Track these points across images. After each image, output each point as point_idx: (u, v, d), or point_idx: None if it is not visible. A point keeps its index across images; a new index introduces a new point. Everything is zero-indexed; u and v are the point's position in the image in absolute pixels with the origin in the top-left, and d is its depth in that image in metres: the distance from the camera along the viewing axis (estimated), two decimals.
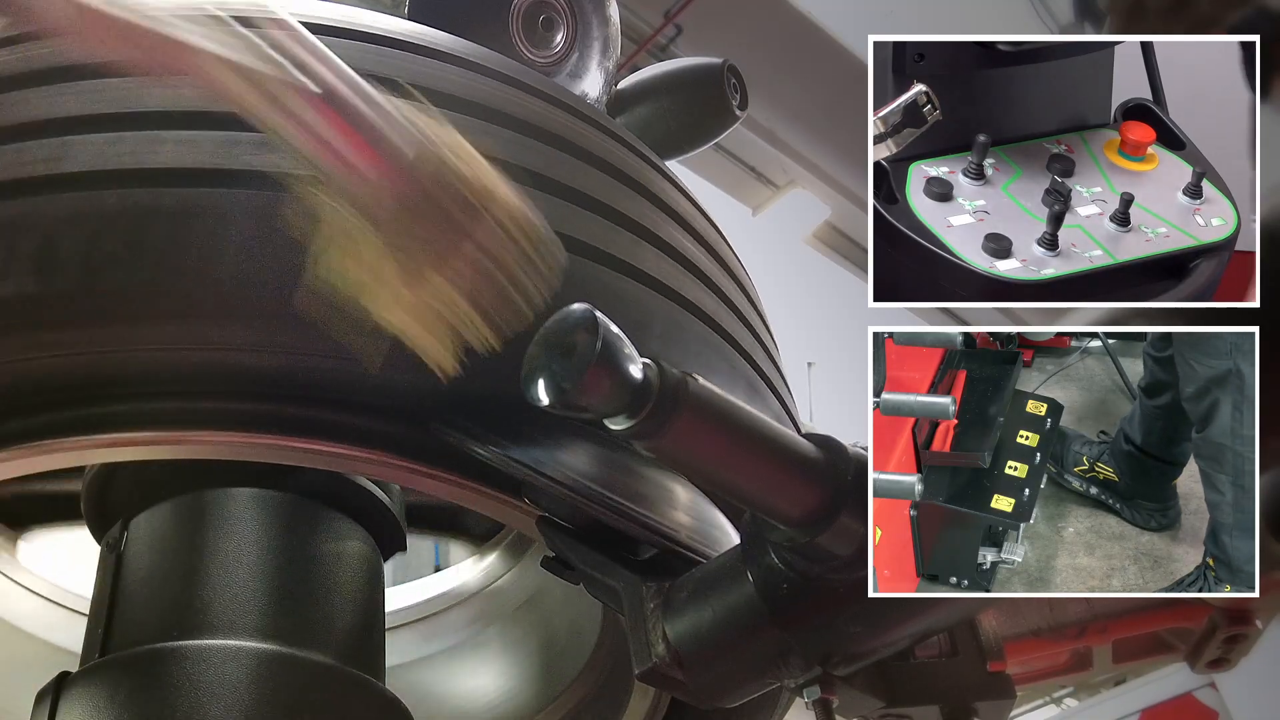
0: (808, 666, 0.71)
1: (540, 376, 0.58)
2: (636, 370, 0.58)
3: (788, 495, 0.65)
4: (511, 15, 1.44)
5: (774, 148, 7.85)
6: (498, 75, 0.95)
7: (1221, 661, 0.80)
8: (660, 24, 7.24)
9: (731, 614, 0.71)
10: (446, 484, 0.85)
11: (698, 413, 0.60)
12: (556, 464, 0.79)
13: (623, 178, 0.96)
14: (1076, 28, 7.40)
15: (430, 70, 0.90)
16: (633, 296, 0.88)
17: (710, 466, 0.64)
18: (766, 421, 0.65)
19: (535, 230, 0.69)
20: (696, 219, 1.07)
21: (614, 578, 0.78)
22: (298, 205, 0.68)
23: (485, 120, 0.88)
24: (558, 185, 0.89)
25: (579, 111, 1.00)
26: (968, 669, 0.80)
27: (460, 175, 0.67)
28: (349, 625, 0.99)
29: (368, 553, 1.07)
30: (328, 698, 0.91)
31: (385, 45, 0.91)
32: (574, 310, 0.59)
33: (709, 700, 0.75)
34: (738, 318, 1.01)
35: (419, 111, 0.70)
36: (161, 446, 0.82)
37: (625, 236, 0.92)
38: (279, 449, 0.82)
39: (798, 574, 0.68)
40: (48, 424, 0.80)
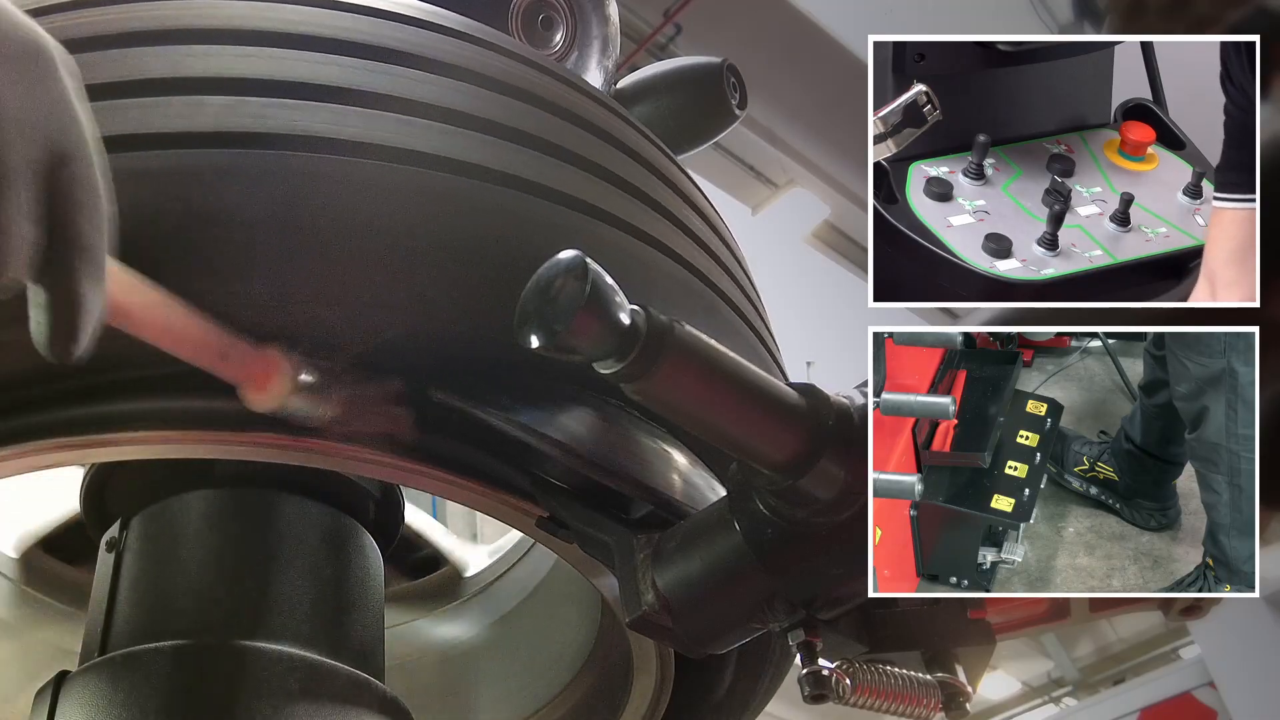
0: (792, 610, 0.73)
1: (531, 319, 0.60)
2: (625, 315, 0.61)
3: (770, 439, 0.67)
4: (511, 14, 1.44)
5: (773, 147, 7.85)
6: (485, 43, 0.96)
7: (1194, 609, 0.81)
8: (660, 23, 7.25)
9: (719, 561, 0.73)
10: (447, 484, 0.85)
11: (684, 356, 0.63)
12: (555, 425, 0.81)
13: (609, 139, 0.97)
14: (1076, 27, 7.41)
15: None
16: (633, 255, 0.89)
17: (696, 410, 0.66)
18: (751, 368, 0.67)
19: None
20: (693, 192, 1.08)
21: (606, 532, 0.80)
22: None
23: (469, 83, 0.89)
24: (547, 144, 0.90)
25: (555, 73, 1.01)
26: (949, 616, 0.83)
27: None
28: (349, 625, 0.99)
29: (368, 551, 1.07)
30: (328, 697, 0.91)
31: (392, 20, 0.92)
32: (564, 256, 0.61)
33: (697, 647, 0.77)
34: (724, 270, 1.03)
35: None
36: (161, 446, 0.82)
37: (633, 203, 0.93)
38: (279, 449, 0.82)
39: (782, 519, 0.70)
40: (47, 423, 0.80)
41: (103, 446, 0.81)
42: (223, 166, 0.77)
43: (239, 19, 0.86)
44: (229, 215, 0.76)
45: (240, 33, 0.85)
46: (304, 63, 0.84)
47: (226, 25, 0.85)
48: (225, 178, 0.76)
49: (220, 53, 0.83)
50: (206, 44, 0.84)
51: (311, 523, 1.02)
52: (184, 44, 0.83)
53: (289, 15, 0.87)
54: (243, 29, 0.85)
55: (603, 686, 1.24)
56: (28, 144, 0.55)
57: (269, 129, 0.79)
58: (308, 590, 0.98)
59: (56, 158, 0.57)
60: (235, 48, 0.84)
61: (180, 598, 0.96)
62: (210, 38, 0.84)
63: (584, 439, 0.82)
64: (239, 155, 0.77)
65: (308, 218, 0.77)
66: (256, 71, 0.82)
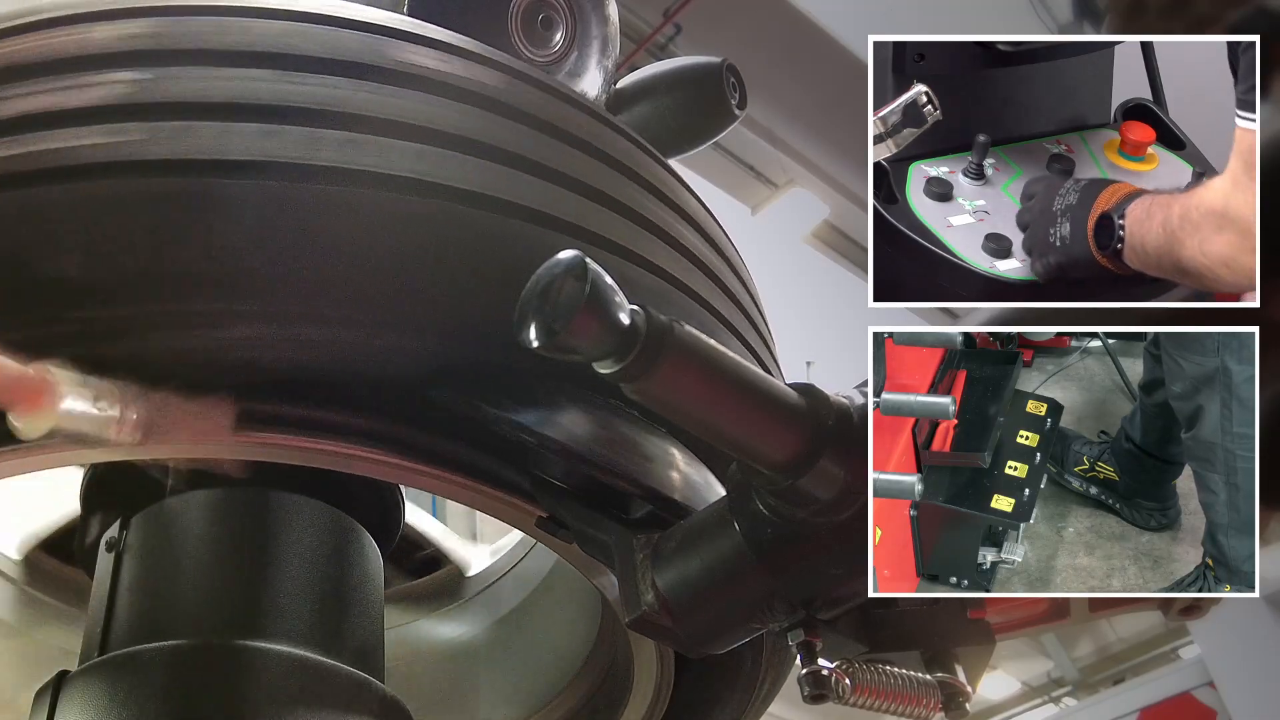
0: (792, 610, 0.74)
1: (531, 319, 0.60)
2: (624, 315, 0.61)
3: (770, 439, 0.67)
4: (510, 13, 1.44)
5: (773, 147, 7.86)
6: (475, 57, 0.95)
7: (1193, 609, 0.81)
8: (659, 23, 7.25)
9: (719, 561, 0.73)
10: (447, 484, 0.85)
11: (683, 356, 0.63)
12: (555, 425, 0.81)
13: (613, 162, 0.97)
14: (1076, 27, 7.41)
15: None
16: (624, 277, 0.89)
17: (695, 410, 0.66)
18: (750, 368, 0.67)
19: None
20: (697, 211, 1.08)
21: (605, 532, 0.81)
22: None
23: (466, 103, 0.89)
24: (550, 170, 0.89)
25: (560, 93, 1.00)
26: (948, 616, 0.83)
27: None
28: (350, 625, 0.99)
29: (368, 551, 1.07)
30: (328, 697, 0.91)
31: (385, 36, 0.91)
32: (564, 256, 0.61)
33: (697, 647, 0.77)
34: (718, 286, 1.02)
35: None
36: (160, 446, 0.82)
37: (631, 228, 0.93)
38: (279, 448, 0.82)
39: (781, 519, 0.70)
40: None
41: (103, 446, 0.81)
42: (207, 193, 0.76)
43: (221, 38, 0.85)
44: (221, 240, 0.75)
45: (221, 54, 0.84)
46: (282, 84, 0.83)
47: (209, 46, 0.84)
48: (216, 204, 0.76)
49: (201, 75, 0.82)
50: (187, 65, 0.82)
51: (311, 522, 1.02)
52: (162, 66, 0.82)
53: (274, 33, 0.86)
54: (236, 51, 0.84)
55: (603, 686, 1.24)
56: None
57: (260, 156, 0.78)
58: (308, 590, 0.98)
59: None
60: (218, 69, 0.83)
61: (180, 598, 0.96)
62: (202, 59, 0.83)
63: (584, 439, 0.82)
64: (229, 184, 0.77)
65: (298, 240, 0.76)
66: (237, 95, 0.81)
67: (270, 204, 0.77)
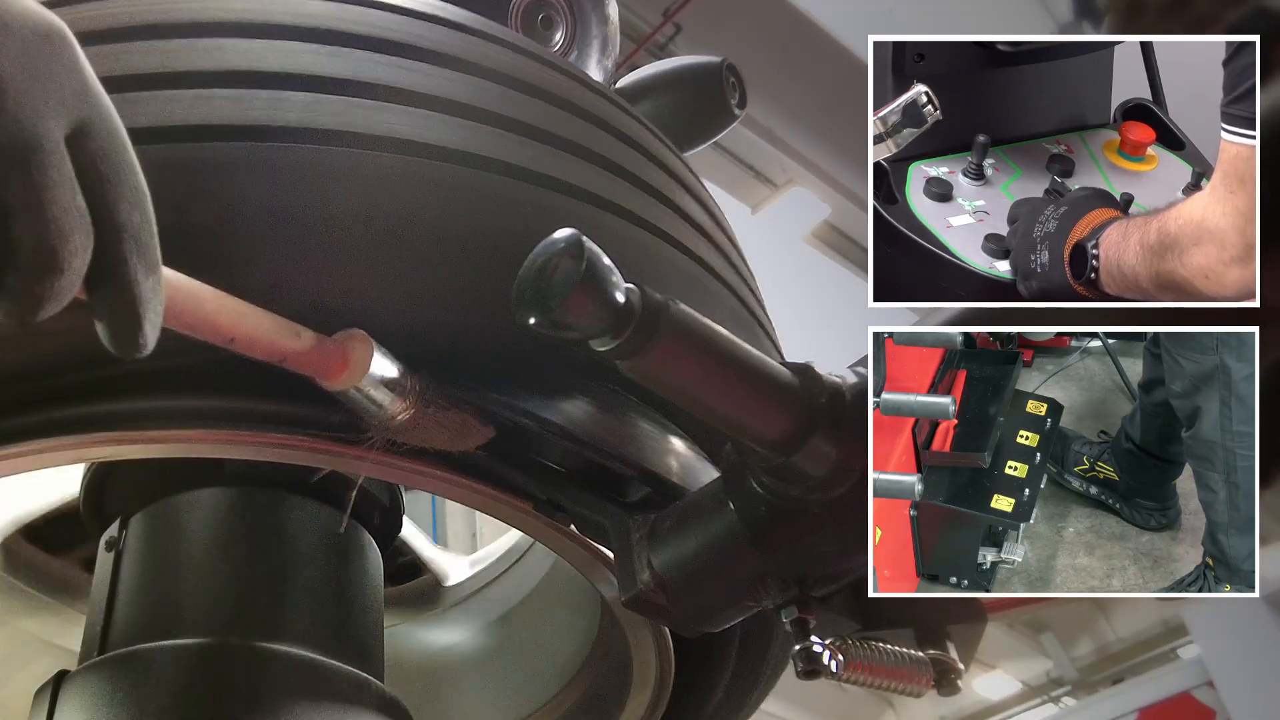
0: (785, 588, 0.74)
1: (527, 297, 0.61)
2: (620, 293, 0.61)
3: (763, 417, 0.67)
4: (511, 12, 1.44)
5: (773, 146, 7.86)
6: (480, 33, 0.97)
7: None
8: (659, 22, 7.25)
9: (713, 540, 0.73)
10: (447, 484, 0.85)
11: (678, 334, 0.63)
12: (553, 408, 0.82)
13: (610, 129, 0.98)
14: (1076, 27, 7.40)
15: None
16: (633, 242, 0.90)
17: (690, 387, 0.66)
18: (745, 346, 0.68)
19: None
20: (692, 181, 1.09)
21: (602, 514, 0.81)
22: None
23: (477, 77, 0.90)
24: (549, 134, 0.91)
25: (558, 65, 1.02)
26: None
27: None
28: (350, 624, 0.99)
29: (368, 551, 1.07)
30: (328, 696, 0.91)
31: (402, 14, 0.93)
32: (560, 235, 0.62)
33: (692, 626, 0.77)
34: (724, 257, 1.03)
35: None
36: (160, 445, 0.82)
37: (633, 191, 0.94)
38: (279, 447, 0.82)
39: (775, 496, 0.70)
40: (45, 422, 0.80)
41: (105, 445, 0.81)
42: (228, 159, 0.77)
43: (244, 12, 0.87)
44: (234, 207, 0.76)
45: (244, 25, 0.85)
46: (309, 55, 0.84)
47: (229, 19, 0.86)
48: (230, 170, 0.76)
49: (224, 46, 0.83)
50: (210, 37, 0.84)
51: (311, 522, 1.02)
52: (188, 37, 0.84)
53: (296, 8, 0.88)
54: (246, 22, 0.85)
55: (592, 699, 1.24)
56: (56, 116, 0.51)
57: (275, 121, 0.79)
58: (308, 589, 0.98)
59: (82, 130, 0.53)
60: (240, 41, 0.84)
61: (180, 597, 0.95)
62: (213, 31, 0.84)
63: (584, 423, 0.83)
64: (244, 148, 0.77)
65: (309, 209, 0.77)
66: (263, 64, 0.82)
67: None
